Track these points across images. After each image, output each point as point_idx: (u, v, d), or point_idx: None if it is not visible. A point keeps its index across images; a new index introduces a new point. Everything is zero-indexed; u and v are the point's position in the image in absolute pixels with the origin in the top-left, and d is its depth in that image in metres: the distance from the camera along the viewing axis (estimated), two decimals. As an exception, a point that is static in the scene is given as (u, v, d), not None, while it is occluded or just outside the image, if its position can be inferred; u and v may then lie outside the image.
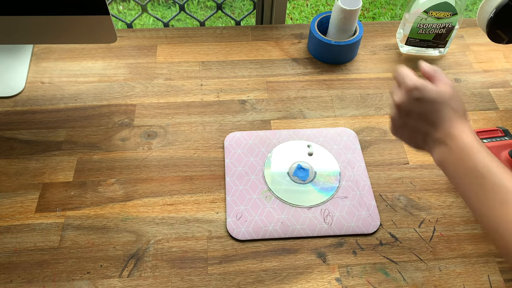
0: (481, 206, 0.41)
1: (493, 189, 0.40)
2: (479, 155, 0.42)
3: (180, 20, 1.95)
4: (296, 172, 0.64)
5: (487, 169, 0.41)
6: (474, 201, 0.41)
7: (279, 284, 0.54)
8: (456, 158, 0.43)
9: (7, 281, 0.54)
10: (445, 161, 0.45)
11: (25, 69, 0.77)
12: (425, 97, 0.46)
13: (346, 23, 0.76)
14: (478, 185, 0.41)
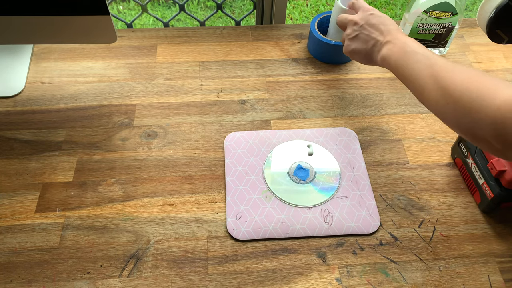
0: (412, 73, 0.54)
1: (423, 59, 0.53)
2: (415, 43, 0.56)
3: (180, 20, 1.95)
4: (296, 172, 0.64)
5: (422, 49, 0.55)
6: (409, 73, 0.54)
7: (279, 284, 0.54)
8: (399, 48, 0.57)
9: (7, 281, 0.54)
10: (390, 55, 0.58)
11: (25, 69, 0.77)
12: (377, 13, 0.64)
13: None
14: (414, 61, 0.54)
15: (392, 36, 0.59)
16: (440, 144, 0.69)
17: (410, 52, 0.55)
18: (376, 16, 0.63)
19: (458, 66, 0.49)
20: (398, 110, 0.74)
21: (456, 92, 0.46)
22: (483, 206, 0.61)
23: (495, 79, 0.44)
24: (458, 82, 0.46)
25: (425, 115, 0.73)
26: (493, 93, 0.42)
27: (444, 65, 0.50)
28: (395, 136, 0.70)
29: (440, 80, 0.49)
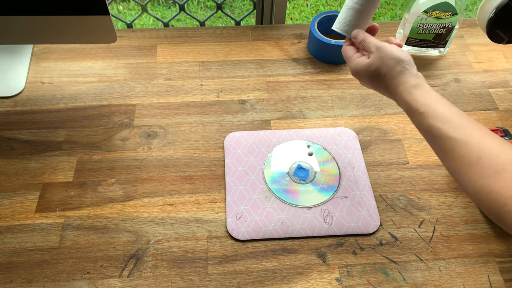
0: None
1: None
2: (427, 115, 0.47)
3: (180, 20, 1.95)
4: (296, 172, 0.64)
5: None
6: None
7: (279, 284, 0.54)
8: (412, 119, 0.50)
9: (7, 281, 0.54)
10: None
11: (25, 69, 0.77)
12: (366, 80, 0.54)
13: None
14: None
15: (398, 100, 0.52)
16: (440, 144, 0.69)
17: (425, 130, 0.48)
18: (369, 82, 0.54)
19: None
20: (398, 110, 0.74)
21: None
22: (483, 206, 0.61)
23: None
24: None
25: (425, 115, 0.73)
26: None
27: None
28: (395, 136, 0.70)
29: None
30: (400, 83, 0.50)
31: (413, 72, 0.50)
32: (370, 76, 0.52)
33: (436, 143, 0.45)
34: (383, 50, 0.51)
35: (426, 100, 0.47)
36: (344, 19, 0.57)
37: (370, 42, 0.54)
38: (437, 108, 0.46)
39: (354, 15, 0.56)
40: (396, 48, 0.51)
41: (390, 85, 0.51)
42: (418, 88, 0.48)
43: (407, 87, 0.49)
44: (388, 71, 0.51)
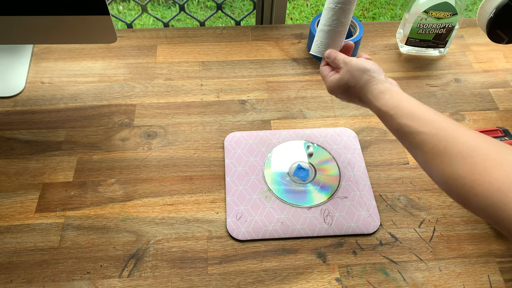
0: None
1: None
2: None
3: (180, 20, 1.95)
4: (296, 172, 0.64)
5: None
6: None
7: (279, 284, 0.54)
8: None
9: (7, 281, 0.54)
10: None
11: (25, 69, 0.77)
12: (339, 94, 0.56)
13: (343, 16, 0.58)
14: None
15: (368, 104, 0.54)
16: (440, 144, 0.69)
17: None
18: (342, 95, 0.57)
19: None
20: (398, 110, 0.74)
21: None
22: (483, 206, 0.61)
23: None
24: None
25: (425, 115, 0.73)
26: None
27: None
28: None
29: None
30: (369, 91, 0.51)
31: (380, 79, 0.52)
32: (343, 90, 0.55)
33: (407, 140, 0.46)
34: (350, 63, 0.54)
35: (395, 102, 0.48)
36: (316, 42, 0.60)
37: (339, 59, 0.56)
38: (405, 108, 0.47)
39: (325, 36, 0.59)
40: (362, 60, 0.54)
41: (361, 94, 0.53)
42: (386, 92, 0.50)
43: (376, 93, 0.50)
44: (357, 82, 0.53)
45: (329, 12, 0.57)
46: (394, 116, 0.47)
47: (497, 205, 0.36)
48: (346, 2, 0.56)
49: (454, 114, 0.73)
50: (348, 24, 0.59)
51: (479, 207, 0.38)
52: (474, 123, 0.72)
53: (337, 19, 0.57)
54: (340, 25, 0.58)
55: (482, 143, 0.40)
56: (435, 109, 0.75)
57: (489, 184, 0.37)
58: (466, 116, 0.73)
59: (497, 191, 0.36)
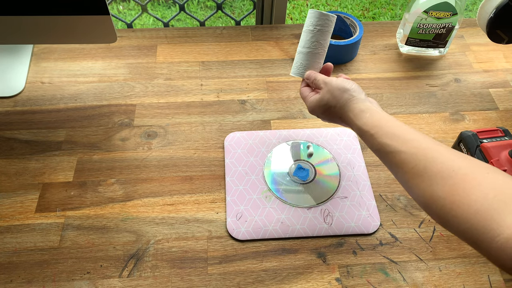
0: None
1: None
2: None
3: (180, 20, 1.95)
4: (296, 172, 0.64)
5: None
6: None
7: (279, 284, 0.54)
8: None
9: (7, 281, 0.54)
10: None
11: (25, 69, 0.77)
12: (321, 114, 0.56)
13: (321, 38, 0.59)
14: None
15: (350, 124, 0.54)
16: (440, 144, 0.69)
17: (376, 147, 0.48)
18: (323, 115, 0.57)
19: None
20: (398, 110, 0.74)
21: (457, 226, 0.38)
22: (483, 206, 0.61)
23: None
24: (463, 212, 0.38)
25: (425, 115, 0.73)
26: (496, 229, 0.34)
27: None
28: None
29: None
30: (350, 110, 0.51)
31: (360, 98, 0.52)
32: (324, 110, 0.55)
33: (388, 159, 0.46)
34: (330, 83, 0.54)
35: (375, 121, 0.48)
36: (296, 63, 0.60)
37: (319, 79, 0.56)
38: (386, 127, 0.47)
39: (303, 58, 0.59)
40: (341, 80, 0.54)
41: (342, 114, 0.53)
42: (366, 111, 0.50)
43: (356, 112, 0.51)
44: (338, 102, 0.53)
45: (308, 34, 0.58)
46: (374, 135, 0.47)
47: (476, 228, 0.35)
48: (324, 24, 0.57)
49: (454, 114, 0.73)
50: (327, 45, 0.59)
51: (459, 229, 0.37)
52: (474, 123, 0.72)
53: (316, 41, 0.58)
54: (319, 47, 0.58)
55: (461, 163, 0.40)
56: (435, 109, 0.75)
57: (467, 206, 0.36)
58: (466, 116, 0.73)
59: (475, 213, 0.36)
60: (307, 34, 0.58)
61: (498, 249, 0.34)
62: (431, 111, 0.74)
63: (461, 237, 0.38)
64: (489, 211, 0.35)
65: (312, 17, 0.58)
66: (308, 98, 0.57)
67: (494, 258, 0.35)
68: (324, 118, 0.57)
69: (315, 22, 0.57)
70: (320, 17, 0.57)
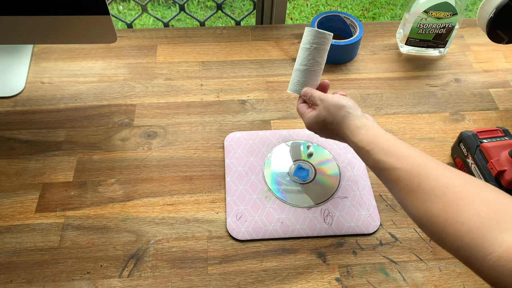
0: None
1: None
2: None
3: (180, 20, 1.95)
4: (296, 172, 0.64)
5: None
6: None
7: (279, 284, 0.54)
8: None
9: (7, 281, 0.54)
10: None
11: (25, 69, 0.77)
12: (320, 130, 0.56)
13: (318, 55, 0.58)
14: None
15: (346, 139, 0.54)
16: (440, 144, 0.69)
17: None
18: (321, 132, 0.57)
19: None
20: (398, 110, 0.74)
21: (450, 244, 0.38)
22: (483, 206, 0.61)
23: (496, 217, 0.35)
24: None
25: (425, 115, 0.73)
26: (488, 246, 0.34)
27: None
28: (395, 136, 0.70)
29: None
30: (346, 127, 0.52)
31: (356, 115, 0.52)
32: (321, 127, 0.55)
33: (383, 175, 0.46)
34: (326, 100, 0.54)
35: (371, 138, 0.48)
36: (293, 80, 0.61)
37: (315, 96, 0.56)
38: (381, 143, 0.47)
39: (300, 75, 0.60)
40: (338, 96, 0.54)
41: (339, 130, 0.53)
42: (362, 128, 0.50)
43: (353, 129, 0.51)
44: (334, 119, 0.53)
45: (304, 52, 0.58)
46: (370, 151, 0.47)
47: (468, 246, 0.35)
48: (321, 42, 0.57)
49: (454, 114, 0.73)
50: (324, 63, 0.60)
51: (452, 247, 0.37)
52: (474, 123, 0.72)
53: (313, 59, 0.58)
54: (316, 64, 0.59)
55: (455, 180, 0.40)
56: (435, 109, 0.75)
57: (460, 224, 0.36)
58: (466, 116, 0.73)
59: (468, 231, 0.35)
60: (304, 52, 0.58)
61: (490, 268, 0.34)
62: (431, 111, 0.74)
63: (455, 255, 0.37)
64: (481, 229, 0.35)
65: (309, 35, 0.58)
66: (305, 115, 0.58)
67: (487, 276, 0.34)
68: (322, 135, 0.57)
69: (311, 40, 0.58)
70: (317, 35, 0.57)
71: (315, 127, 0.56)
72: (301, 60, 0.59)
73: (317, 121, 0.55)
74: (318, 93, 0.57)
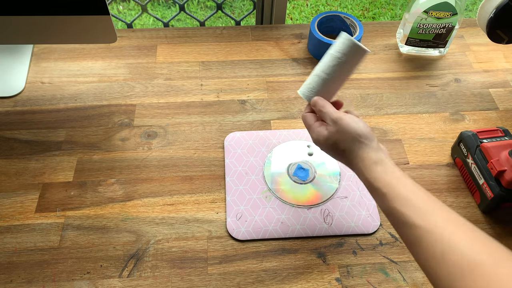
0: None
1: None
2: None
3: (180, 20, 1.95)
4: (296, 172, 0.64)
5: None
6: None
7: (279, 284, 0.54)
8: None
9: (7, 281, 0.54)
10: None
11: (25, 69, 0.77)
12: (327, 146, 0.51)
13: (345, 68, 0.52)
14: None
15: (356, 170, 0.49)
16: (440, 144, 0.69)
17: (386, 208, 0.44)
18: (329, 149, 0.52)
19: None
20: (398, 110, 0.74)
21: None
22: (483, 206, 0.61)
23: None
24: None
25: (425, 115, 0.73)
26: None
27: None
28: (395, 136, 0.70)
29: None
30: (361, 158, 0.47)
31: (373, 146, 0.47)
32: (331, 149, 0.51)
33: (401, 230, 0.42)
34: (340, 123, 0.48)
35: (388, 178, 0.44)
36: (308, 85, 0.54)
37: (326, 112, 0.50)
38: (399, 189, 0.43)
39: (318, 82, 0.53)
40: (352, 121, 0.48)
41: (351, 160, 0.48)
42: (379, 164, 0.46)
43: (367, 163, 0.46)
44: (347, 146, 0.48)
45: (332, 60, 0.51)
46: (387, 195, 0.43)
47: None
48: (354, 56, 0.50)
49: (454, 114, 0.73)
50: (348, 78, 0.53)
51: None
52: (474, 123, 0.72)
53: (339, 70, 0.51)
54: (339, 78, 0.52)
55: (483, 256, 0.36)
56: (435, 109, 0.75)
57: None
58: (466, 116, 0.73)
59: None
60: (331, 59, 0.51)
61: None
62: (431, 111, 0.74)
63: None
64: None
65: (344, 44, 0.50)
66: (313, 129, 0.51)
67: None
68: (330, 154, 0.52)
69: (345, 51, 0.50)
70: (353, 48, 0.50)
71: (325, 146, 0.51)
72: (325, 67, 0.52)
73: (327, 143, 0.50)
74: (331, 110, 0.50)
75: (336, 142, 0.49)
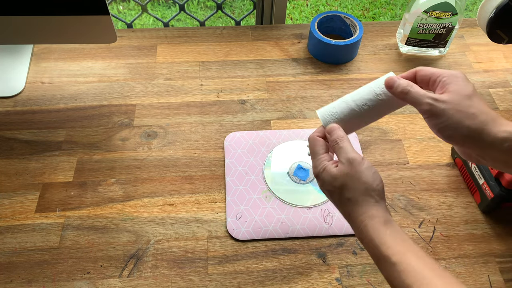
0: None
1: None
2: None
3: (180, 20, 1.95)
4: (296, 172, 0.64)
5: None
6: None
7: (279, 284, 0.54)
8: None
9: (7, 281, 0.54)
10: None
11: (25, 69, 0.77)
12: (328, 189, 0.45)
13: (383, 108, 0.48)
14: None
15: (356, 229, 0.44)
16: (440, 144, 0.69)
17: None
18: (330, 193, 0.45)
19: None
20: (398, 110, 0.74)
21: None
22: (483, 206, 0.61)
23: None
24: None
25: (425, 115, 0.73)
26: None
27: None
28: (395, 136, 0.70)
29: None
30: (368, 216, 0.41)
31: (382, 206, 0.42)
32: (334, 192, 0.44)
33: None
34: (356, 167, 0.42)
35: (398, 245, 0.39)
36: (332, 108, 0.48)
37: (342, 148, 0.44)
38: (411, 260, 0.38)
39: (344, 110, 0.47)
40: (371, 170, 0.43)
41: (354, 212, 0.42)
42: (388, 226, 0.41)
43: (375, 222, 0.41)
44: (355, 196, 0.42)
45: (369, 93, 0.46)
46: (397, 266, 0.38)
47: None
48: (394, 99, 0.46)
49: (454, 114, 0.73)
50: (376, 120, 0.48)
51: None
52: (474, 123, 0.72)
53: (373, 106, 0.46)
54: (370, 115, 0.47)
55: None
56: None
57: None
58: (466, 116, 0.73)
59: None
60: (369, 93, 0.46)
61: None
62: (431, 111, 0.74)
63: None
64: None
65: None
66: (320, 161, 0.45)
67: None
68: (327, 195, 0.46)
69: (387, 91, 0.46)
70: None
71: (326, 185, 0.44)
72: (357, 98, 0.46)
73: (332, 183, 0.43)
74: (349, 147, 0.44)
75: (344, 187, 0.42)
